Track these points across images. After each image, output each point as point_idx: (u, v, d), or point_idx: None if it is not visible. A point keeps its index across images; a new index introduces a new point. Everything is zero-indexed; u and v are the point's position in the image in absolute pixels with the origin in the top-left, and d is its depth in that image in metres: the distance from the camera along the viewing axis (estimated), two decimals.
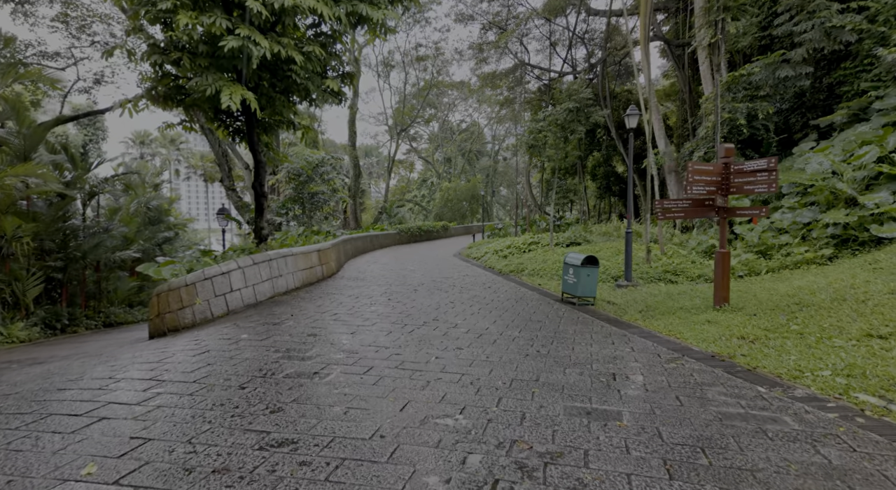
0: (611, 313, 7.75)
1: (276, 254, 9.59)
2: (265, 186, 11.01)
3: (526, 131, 15.11)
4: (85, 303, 15.84)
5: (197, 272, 8.25)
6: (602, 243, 15.09)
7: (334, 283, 11.09)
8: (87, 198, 15.59)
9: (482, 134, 61.71)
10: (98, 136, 37.85)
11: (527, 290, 10.34)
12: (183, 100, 9.33)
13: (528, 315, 7.53)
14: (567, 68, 30.80)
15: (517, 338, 5.99)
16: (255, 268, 8.88)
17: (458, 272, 13.63)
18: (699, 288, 8.60)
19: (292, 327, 6.47)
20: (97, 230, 15.39)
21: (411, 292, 9.78)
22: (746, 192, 6.58)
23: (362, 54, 38.95)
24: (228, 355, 5.07)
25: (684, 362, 4.95)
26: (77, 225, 15.01)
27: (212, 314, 8.21)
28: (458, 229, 39.39)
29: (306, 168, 20.33)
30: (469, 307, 8.18)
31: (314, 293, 9.66)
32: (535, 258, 13.99)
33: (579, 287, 8.41)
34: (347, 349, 5.31)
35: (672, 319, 6.86)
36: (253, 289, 8.84)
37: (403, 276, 12.51)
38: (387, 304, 8.34)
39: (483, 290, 10.26)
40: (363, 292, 9.75)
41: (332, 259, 12.93)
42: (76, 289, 15.78)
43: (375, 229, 28.69)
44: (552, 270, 12.08)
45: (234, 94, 7.87)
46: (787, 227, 9.93)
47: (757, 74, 15.10)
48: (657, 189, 11.63)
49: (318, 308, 7.98)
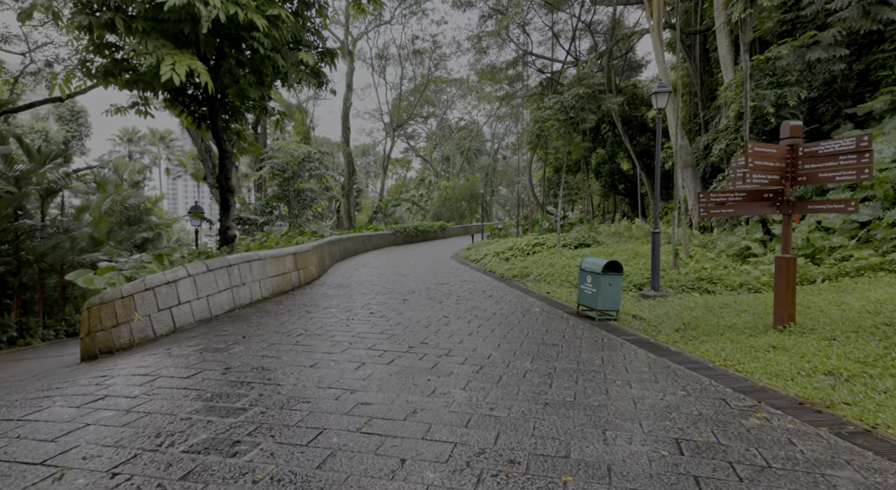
0: (641, 332, 6.31)
1: (239, 258, 8.13)
2: (231, 180, 9.55)
3: (531, 120, 13.66)
4: (44, 311, 14.35)
5: (136, 282, 6.79)
6: (614, 245, 13.65)
7: (312, 292, 9.63)
8: (46, 194, 14.12)
9: (481, 132, 60.32)
10: (81, 133, 36.31)
11: (534, 299, 8.90)
12: (128, 75, 7.86)
13: (539, 335, 6.09)
14: (570, 60, 29.40)
15: (530, 372, 4.53)
16: (209, 276, 7.42)
17: (455, 277, 12.18)
18: (745, 300, 7.16)
19: (237, 356, 5.01)
20: (57, 230, 13.95)
21: (399, 303, 8.33)
22: (821, 180, 5.14)
23: (357, 48, 37.51)
24: (127, 406, 3.61)
25: (768, 416, 3.51)
26: (33, 224, 13.53)
27: (154, 332, 6.76)
28: (457, 229, 37.94)
29: (291, 163, 18.80)
30: (467, 324, 6.73)
31: (284, 305, 8.20)
32: (540, 261, 12.55)
33: (600, 298, 6.97)
34: (297, 395, 3.86)
35: (722, 343, 5.42)
36: (207, 301, 7.37)
37: (393, 283, 11.06)
38: (367, 320, 6.89)
39: (483, 299, 8.81)
40: (342, 304, 8.30)
41: (312, 263, 11.48)
42: (34, 295, 14.30)
43: (369, 229, 27.24)
44: (561, 276, 10.63)
45: (178, 65, 6.41)
46: (839, 227, 8.50)
47: (785, 58, 13.68)
48: (689, 184, 10.18)
49: (281, 326, 6.52)
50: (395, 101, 40.31)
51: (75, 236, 14.58)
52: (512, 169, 65.41)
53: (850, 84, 14.71)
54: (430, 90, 45.51)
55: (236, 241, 15.87)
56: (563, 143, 13.44)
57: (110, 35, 7.43)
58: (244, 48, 8.14)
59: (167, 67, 6.33)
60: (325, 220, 33.40)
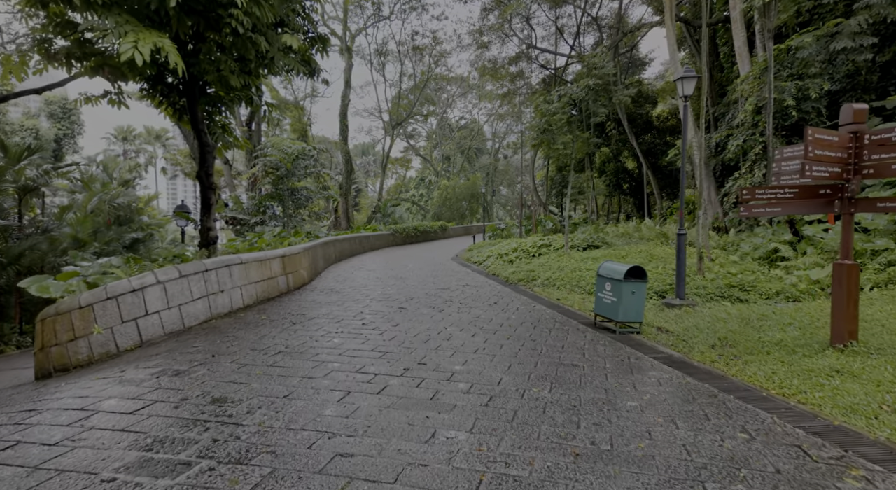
0: (670, 348, 5.50)
1: (217, 262, 7.32)
2: (213, 176, 8.75)
3: (536, 114, 12.86)
4: (21, 316, 13.56)
5: (96, 290, 5.99)
6: (626, 247, 12.85)
7: (301, 298, 8.82)
8: (23, 192, 13.32)
9: (482, 131, 59.55)
10: (74, 131, 35.51)
11: (543, 307, 8.09)
12: (94, 59, 7.05)
13: (555, 352, 5.28)
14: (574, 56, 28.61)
15: (550, 405, 3.73)
16: (181, 282, 6.61)
17: (456, 281, 11.38)
18: (785, 311, 6.35)
19: (199, 382, 4.21)
20: (33, 231, 13.16)
21: (396, 312, 7.52)
22: (895, 174, 4.33)
23: (355, 44, 36.72)
24: (37, 460, 2.80)
25: (868, 476, 2.71)
26: (7, 224, 12.74)
27: (117, 347, 5.97)
28: (458, 230, 37.13)
29: (285, 160, 17.95)
30: (471, 337, 5.92)
31: (268, 314, 7.39)
32: (547, 264, 11.74)
33: (621, 308, 6.16)
34: (261, 442, 3.05)
35: (772, 364, 4.62)
36: (179, 310, 6.57)
37: (390, 288, 10.25)
38: (358, 334, 6.08)
39: (488, 307, 8.01)
40: (332, 313, 7.49)
41: (302, 266, 10.67)
42: (10, 299, 13.51)
43: (367, 230, 26.43)
44: (571, 280, 9.82)
45: (141, 42, 5.60)
46: (881, 228, 7.70)
47: (806, 48, 12.87)
48: (704, 183, 9.37)
49: (260, 341, 5.71)
50: (395, 98, 39.51)
51: (55, 237, 13.77)
52: (513, 168, 64.66)
53: (873, 76, 13.90)
54: (430, 88, 44.71)
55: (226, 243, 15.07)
56: (572, 138, 12.60)
57: (71, 12, 6.63)
58: (225, 32, 7.33)
59: (128, 45, 5.52)
60: (322, 220, 32.59)
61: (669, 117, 30.92)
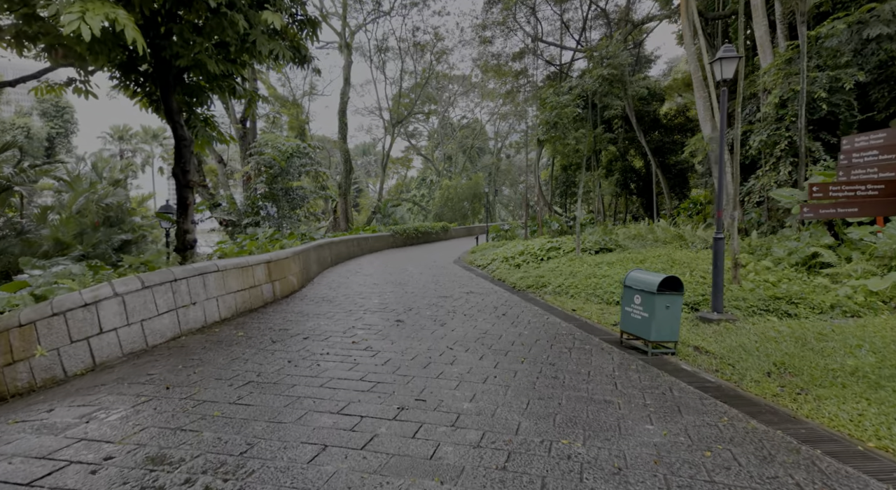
0: (715, 375, 4.61)
1: (189, 271, 6.44)
2: (190, 173, 7.87)
3: (546, 108, 11.97)
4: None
5: (41, 305, 5.13)
6: (642, 250, 11.94)
7: (286, 310, 7.94)
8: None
9: (484, 130, 58.65)
10: (67, 129, 34.72)
11: (558, 319, 7.20)
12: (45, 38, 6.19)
13: (580, 382, 4.39)
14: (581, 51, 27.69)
15: (587, 467, 2.84)
16: (144, 294, 5.73)
17: (460, 287, 10.50)
18: (847, 329, 5.44)
19: (137, 429, 3.32)
20: (7, 232, 12.34)
21: (392, 327, 6.64)
22: None
23: (355, 41, 35.86)
24: None
25: None
26: None
27: (64, 371, 5.10)
28: (460, 231, 36.24)
29: (278, 158, 17.05)
30: (479, 361, 5.04)
31: (246, 329, 6.52)
32: (558, 269, 10.84)
33: (653, 326, 5.27)
34: None
35: (854, 401, 3.72)
36: (141, 327, 5.70)
37: (388, 295, 9.38)
38: (346, 356, 5.20)
39: (496, 320, 7.12)
40: (320, 328, 6.61)
41: (292, 271, 9.80)
42: None
43: (366, 231, 25.56)
44: (586, 288, 8.93)
45: (90, 14, 4.73)
46: None
47: (836, 36, 11.95)
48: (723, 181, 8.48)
49: (228, 366, 4.83)
50: (396, 96, 38.63)
51: (32, 240, 12.93)
52: (515, 168, 63.66)
53: None
54: (431, 87, 43.82)
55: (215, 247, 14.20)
56: (584, 133, 11.65)
57: None
58: (196, 8, 6.46)
59: (73, 16, 4.65)
60: (321, 221, 31.73)
61: (677, 115, 30.02)
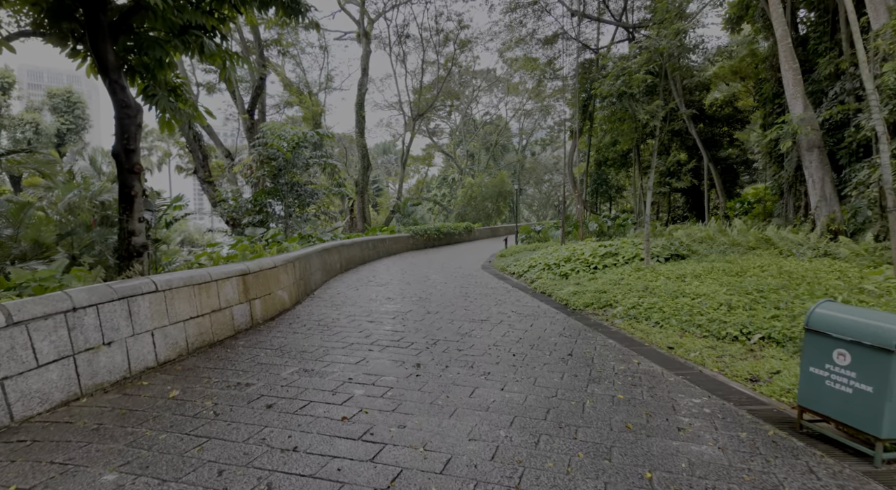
0: None
1: (103, 294, 4.26)
2: (136, 153, 5.75)
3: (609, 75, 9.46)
4: None
5: None
6: (725, 257, 9.39)
7: (264, 342, 5.73)
8: None
9: (507, 127, 56.14)
10: (79, 125, 33.67)
11: (656, 366, 4.81)
12: None
13: None
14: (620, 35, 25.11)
15: None
16: (10, 335, 3.55)
17: (497, 305, 8.16)
18: None
19: None
20: None
21: (406, 380, 4.35)
22: None
23: (374, 30, 33.86)
24: None
25: None
26: None
27: None
28: (484, 231, 33.86)
29: (281, 148, 14.92)
30: (566, 473, 2.70)
31: (187, 382, 4.31)
32: (625, 283, 8.41)
33: (887, 411, 2.86)
34: None
35: None
36: (2, 389, 3.53)
37: (404, 318, 7.12)
38: (323, 463, 2.94)
39: (563, 367, 4.77)
40: (298, 385, 4.37)
41: (282, 285, 7.61)
42: None
43: (384, 231, 23.44)
44: (676, 312, 6.49)
45: None
46: None
47: None
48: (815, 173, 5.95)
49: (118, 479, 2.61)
50: (416, 89, 36.52)
51: (4, 241, 11.09)
52: (541, 166, 60.82)
53: None
54: (454, 81, 41.57)
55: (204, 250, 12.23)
56: (660, 105, 9.15)
57: None
58: None
59: None
60: (337, 220, 29.78)
61: (724, 106, 27.13)
